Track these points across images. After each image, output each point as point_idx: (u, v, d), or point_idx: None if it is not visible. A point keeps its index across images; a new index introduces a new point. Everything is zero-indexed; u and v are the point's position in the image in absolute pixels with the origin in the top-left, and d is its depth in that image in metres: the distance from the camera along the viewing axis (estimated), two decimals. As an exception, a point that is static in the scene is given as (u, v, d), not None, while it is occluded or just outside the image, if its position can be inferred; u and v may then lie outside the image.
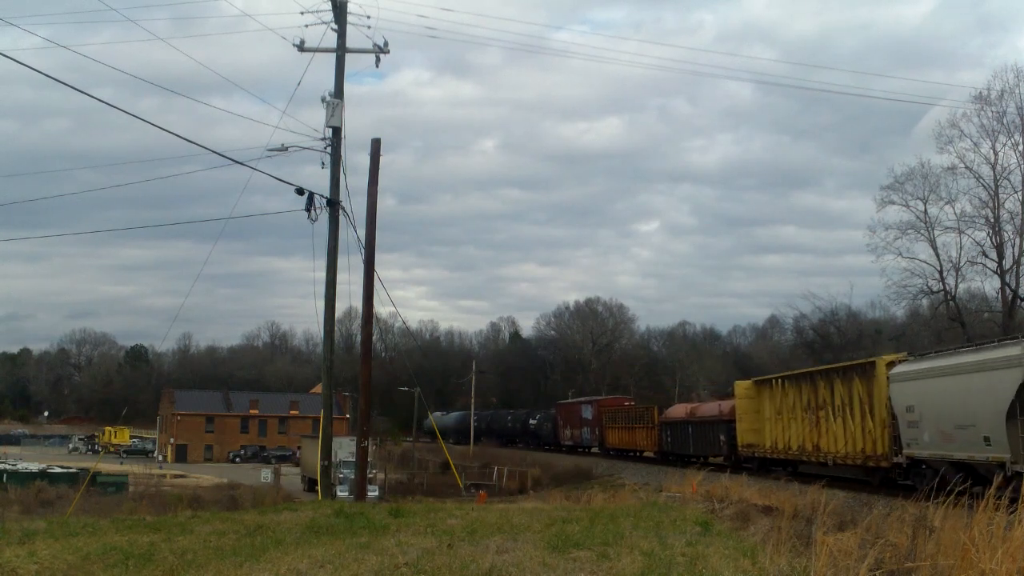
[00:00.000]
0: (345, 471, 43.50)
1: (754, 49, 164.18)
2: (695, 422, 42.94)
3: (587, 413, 60.20)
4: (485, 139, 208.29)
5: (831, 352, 79.61)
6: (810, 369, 35.03)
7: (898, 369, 24.61)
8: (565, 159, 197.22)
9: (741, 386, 37.50)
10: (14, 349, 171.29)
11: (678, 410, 47.42)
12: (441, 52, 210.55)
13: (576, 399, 72.26)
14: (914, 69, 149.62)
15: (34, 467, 62.77)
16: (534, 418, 73.36)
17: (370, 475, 40.80)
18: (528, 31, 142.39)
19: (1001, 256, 53.55)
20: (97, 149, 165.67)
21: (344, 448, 46.00)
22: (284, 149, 23.05)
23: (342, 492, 34.37)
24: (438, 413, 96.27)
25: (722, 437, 38.98)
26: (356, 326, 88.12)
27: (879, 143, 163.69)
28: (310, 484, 52.52)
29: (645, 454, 50.60)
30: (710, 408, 43.04)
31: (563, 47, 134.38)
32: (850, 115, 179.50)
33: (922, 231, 55.92)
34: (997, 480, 12.07)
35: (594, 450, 58.70)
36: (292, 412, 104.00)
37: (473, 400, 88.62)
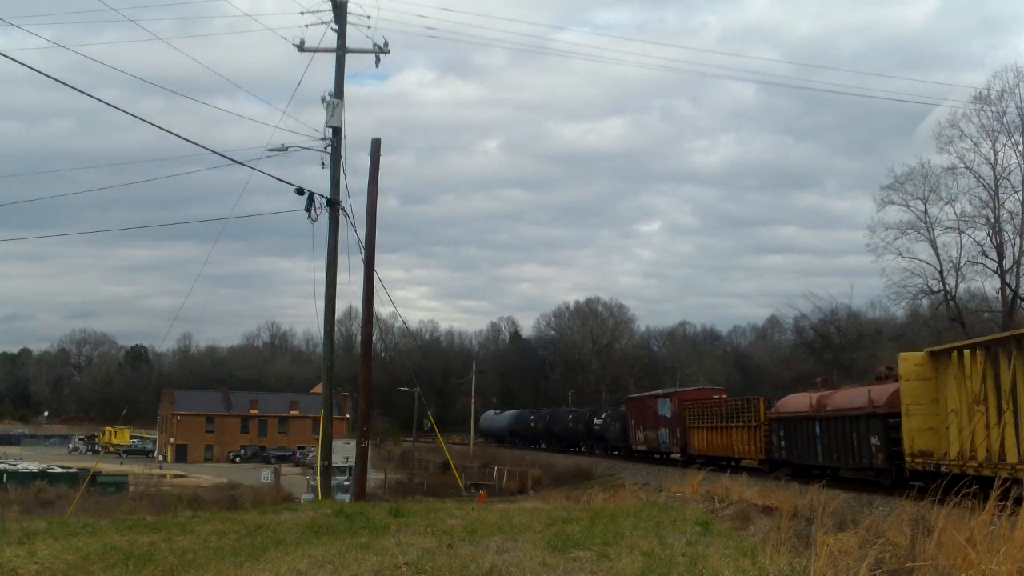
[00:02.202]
0: (338, 477, 42.10)
1: (757, 50, 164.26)
2: (826, 418, 30.26)
3: (664, 410, 48.55)
4: (487, 140, 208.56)
5: (831, 352, 79.82)
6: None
7: None
8: (567, 160, 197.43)
9: (909, 361, 24.52)
10: (14, 349, 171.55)
11: (797, 401, 34.13)
12: (444, 53, 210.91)
13: (650, 392, 60.94)
14: (916, 70, 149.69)
15: (34, 467, 62.84)
16: (599, 417, 61.73)
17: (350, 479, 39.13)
18: (531, 32, 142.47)
19: (1001, 256, 53.60)
20: (100, 150, 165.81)
21: (339, 451, 44.74)
22: (284, 149, 23.07)
23: (309, 497, 33.02)
24: (490, 412, 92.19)
25: (874, 440, 26.91)
26: (356, 326, 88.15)
27: (881, 144, 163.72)
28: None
29: (744, 463, 38.65)
30: (853, 396, 29.59)
31: (566, 48, 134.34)
32: (852, 116, 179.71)
33: (922, 231, 56.07)
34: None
35: (674, 456, 47.41)
36: (292, 412, 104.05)
37: (473, 400, 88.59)
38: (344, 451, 45.01)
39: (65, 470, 61.10)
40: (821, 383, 35.32)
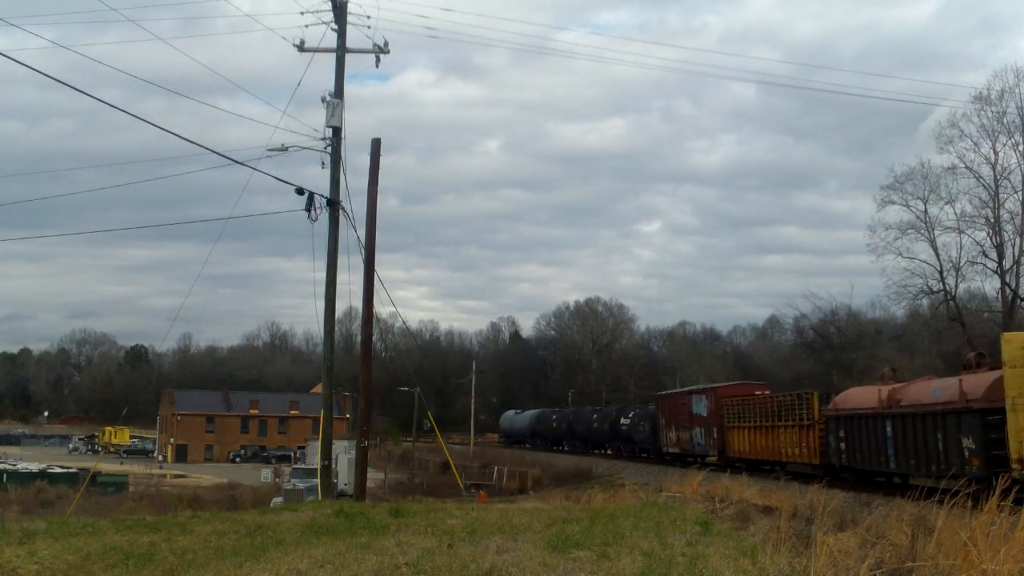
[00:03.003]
0: (295, 480, 38.69)
1: (758, 50, 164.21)
2: (901, 415, 25.22)
3: (700, 408, 43.85)
4: (488, 140, 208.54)
5: (831, 352, 79.84)
6: None
7: None
8: (568, 160, 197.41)
9: (1014, 343, 20.61)
10: (14, 349, 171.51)
11: (861, 395, 28.98)
12: (445, 53, 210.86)
13: (683, 389, 55.57)
14: (917, 70, 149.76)
15: (34, 467, 62.80)
16: (626, 416, 56.30)
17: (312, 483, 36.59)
18: (532, 32, 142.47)
19: (1001, 256, 53.58)
20: (102, 149, 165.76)
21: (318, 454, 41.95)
22: (284, 149, 23.08)
23: (279, 501, 31.25)
24: (511, 412, 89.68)
25: (967, 443, 22.06)
26: (356, 326, 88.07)
27: (882, 144, 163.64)
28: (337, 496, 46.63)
29: (792, 467, 33.07)
30: (936, 388, 24.65)
31: (567, 48, 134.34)
32: (853, 116, 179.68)
33: (922, 231, 56.01)
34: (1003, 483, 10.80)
35: (710, 459, 42.56)
36: (292, 412, 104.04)
37: (473, 400, 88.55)
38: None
39: (65, 470, 61.06)
40: (890, 375, 29.77)
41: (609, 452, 60.13)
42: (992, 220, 53.71)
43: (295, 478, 38.96)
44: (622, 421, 56.68)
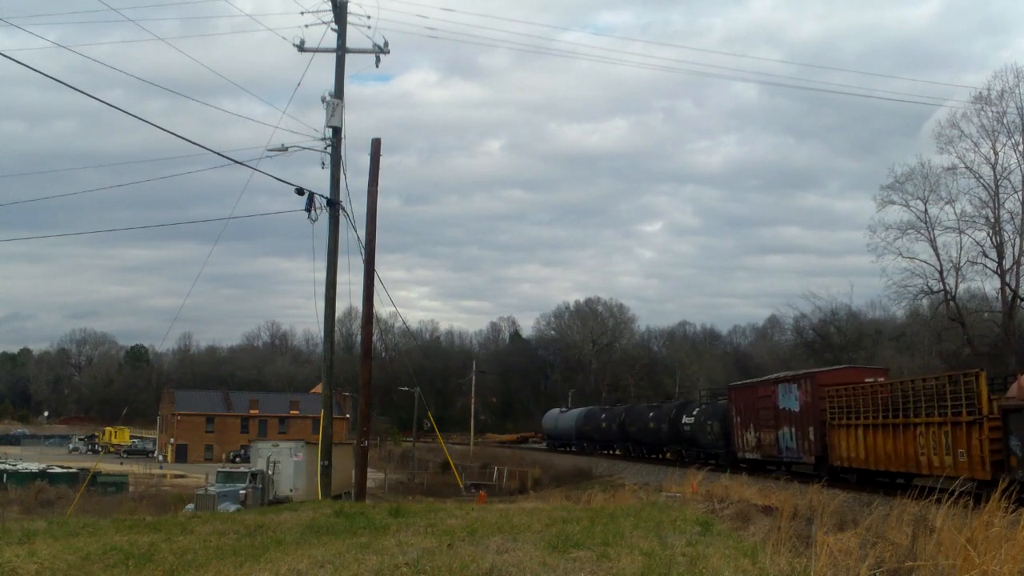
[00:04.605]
0: (217, 485, 35.02)
1: (760, 51, 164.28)
2: None
3: (789, 400, 33.95)
4: (490, 140, 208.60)
5: (831, 352, 79.84)
6: None
7: None
8: (570, 160, 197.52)
9: None
10: (14, 349, 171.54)
11: None
12: (448, 54, 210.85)
13: (766, 377, 42.16)
14: (919, 71, 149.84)
15: (34, 467, 62.75)
16: (689, 415, 46.49)
17: (227, 488, 33.65)
18: (535, 33, 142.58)
19: (1001, 256, 53.58)
20: (104, 150, 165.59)
21: (261, 455, 37.58)
22: (284, 149, 23.10)
23: (190, 508, 29.24)
24: (555, 410, 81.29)
25: None
26: (356, 326, 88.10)
27: (884, 144, 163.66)
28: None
29: (926, 480, 21.46)
30: None
31: (570, 48, 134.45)
32: (855, 116, 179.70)
33: (922, 231, 56.06)
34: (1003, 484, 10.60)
35: (800, 468, 32.89)
36: (292, 412, 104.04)
37: (473, 400, 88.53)
38: (268, 454, 37.63)
39: (65, 470, 61.00)
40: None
41: (668, 457, 50.26)
42: (992, 220, 53.79)
43: (218, 482, 35.98)
44: (684, 420, 46.92)
